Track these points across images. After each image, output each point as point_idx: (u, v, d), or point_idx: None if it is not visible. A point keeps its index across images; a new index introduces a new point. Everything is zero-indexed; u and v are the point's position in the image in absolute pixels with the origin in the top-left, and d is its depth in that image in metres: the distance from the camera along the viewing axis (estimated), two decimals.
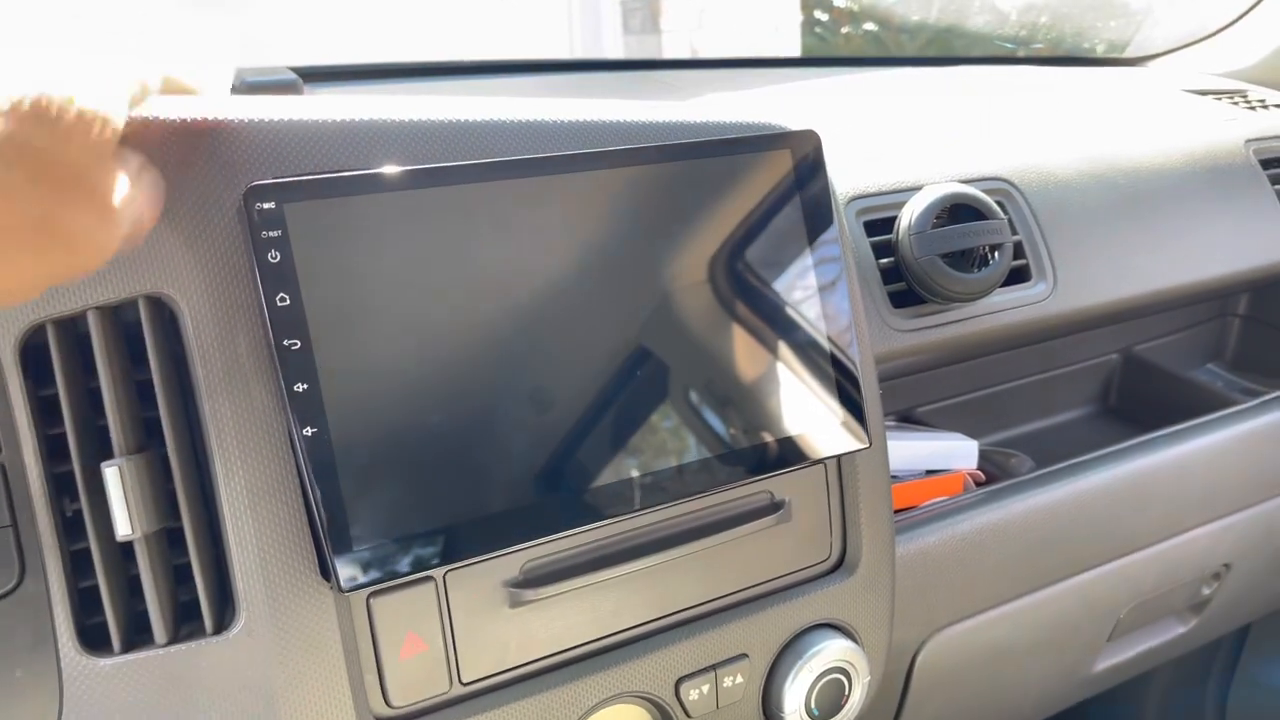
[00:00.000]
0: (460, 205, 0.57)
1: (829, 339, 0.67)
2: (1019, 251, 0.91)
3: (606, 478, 0.60)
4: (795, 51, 4.39)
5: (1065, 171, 0.98)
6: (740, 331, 0.65)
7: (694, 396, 0.63)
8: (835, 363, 0.67)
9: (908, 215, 0.83)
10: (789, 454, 0.66)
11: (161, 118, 0.54)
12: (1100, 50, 1.79)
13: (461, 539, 0.56)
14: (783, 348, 0.66)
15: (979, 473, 0.94)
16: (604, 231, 0.61)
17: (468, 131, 0.61)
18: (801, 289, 0.67)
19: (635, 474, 0.61)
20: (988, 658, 0.92)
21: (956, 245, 0.82)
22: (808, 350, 0.66)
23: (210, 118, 0.55)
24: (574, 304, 0.60)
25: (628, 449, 0.61)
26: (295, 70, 0.93)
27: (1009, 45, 1.84)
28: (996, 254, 0.84)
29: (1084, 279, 0.94)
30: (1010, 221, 0.91)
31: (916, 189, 0.86)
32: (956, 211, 0.84)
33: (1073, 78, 1.41)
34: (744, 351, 0.65)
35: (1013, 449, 1.05)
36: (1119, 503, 0.95)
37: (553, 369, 0.59)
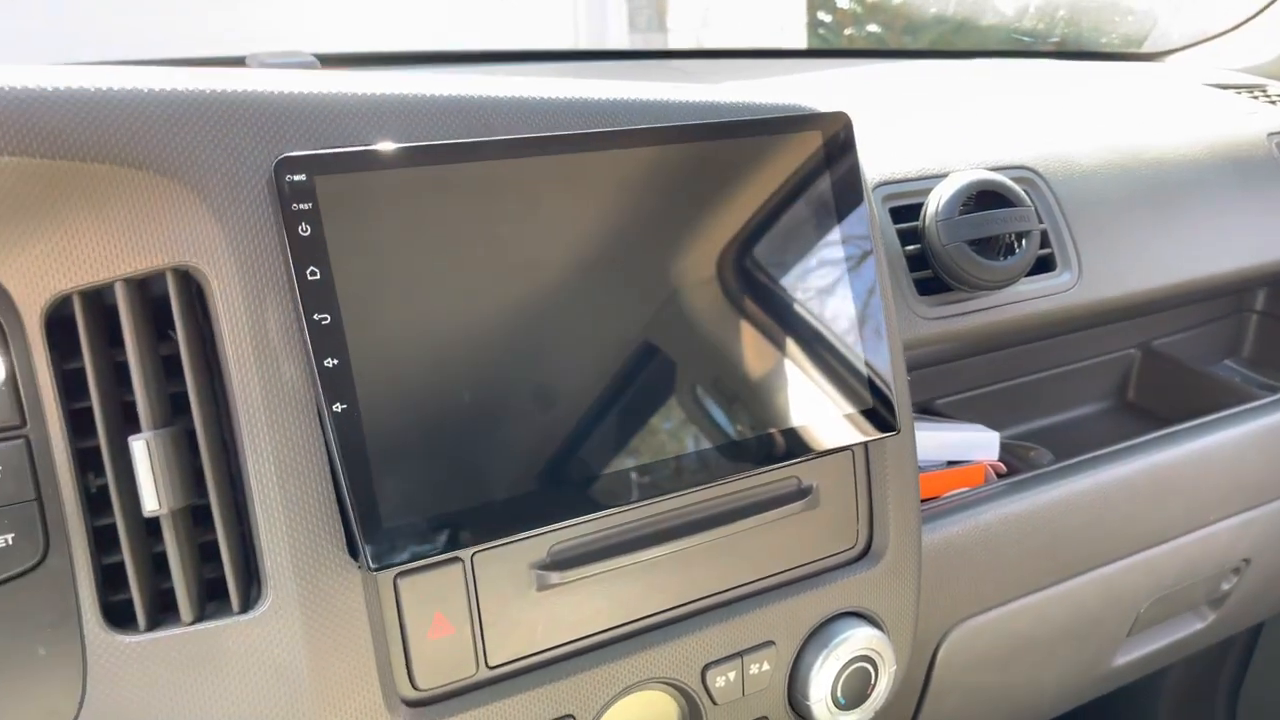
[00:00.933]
0: (492, 181, 0.56)
1: (859, 325, 0.66)
2: (1044, 240, 0.90)
3: (637, 460, 0.59)
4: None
5: (1089, 162, 0.97)
6: (773, 315, 0.64)
7: (725, 380, 0.62)
8: (866, 348, 0.66)
9: (934, 202, 0.82)
10: (818, 439, 0.65)
11: (193, 88, 0.53)
12: (1116, 46, 1.78)
13: (490, 519, 0.55)
14: (816, 333, 0.65)
15: (1000, 464, 0.93)
16: (636, 210, 0.60)
17: (498, 108, 0.60)
18: (832, 273, 0.66)
19: (666, 457, 0.60)
20: (1010, 649, 0.91)
21: (984, 232, 0.81)
22: (839, 335, 0.66)
23: (242, 89, 0.54)
24: (605, 282, 0.59)
25: (659, 432, 0.60)
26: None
27: (1025, 39, 1.83)
28: (1023, 242, 0.84)
29: (1108, 269, 0.93)
30: (1035, 210, 0.90)
31: (943, 176, 0.85)
32: (983, 199, 0.83)
33: (1091, 71, 1.40)
34: (776, 335, 0.64)
35: (1031, 442, 1.04)
36: (1140, 496, 0.94)
37: (584, 348, 0.58)
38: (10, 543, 0.50)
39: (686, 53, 1.64)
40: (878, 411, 0.67)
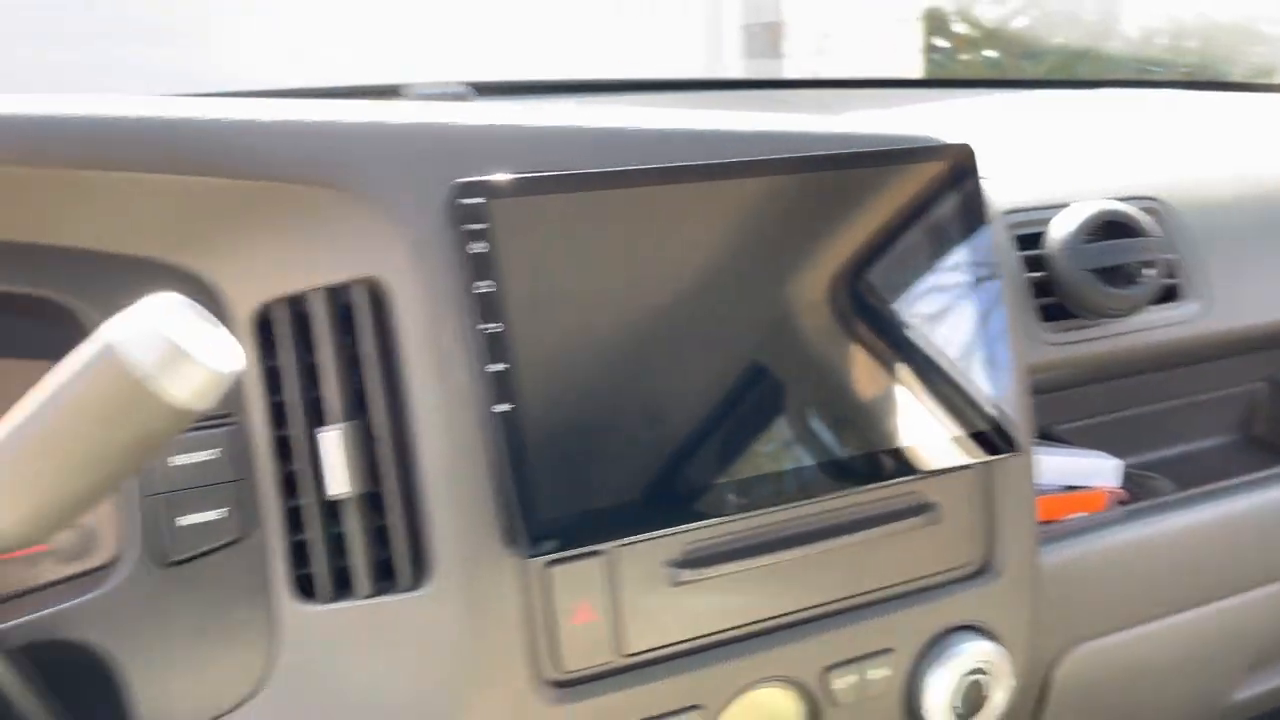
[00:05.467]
0: (636, 207, 0.61)
1: (983, 348, 0.69)
2: (1170, 270, 0.91)
3: (771, 467, 0.63)
4: (915, 75, 4.36)
5: (1217, 191, 0.98)
6: (901, 337, 0.67)
7: (856, 398, 0.66)
8: (989, 371, 0.69)
9: (1060, 230, 0.84)
10: (941, 457, 0.68)
11: (383, 120, 0.60)
12: (1245, 76, 1.75)
13: (636, 516, 0.60)
14: (939, 354, 0.68)
15: (1122, 491, 0.94)
16: (766, 235, 0.65)
17: (645, 139, 0.66)
18: (956, 299, 0.69)
19: (799, 465, 0.64)
20: (1126, 676, 0.91)
21: (1109, 261, 0.82)
22: (963, 359, 0.69)
23: (422, 121, 0.60)
24: (743, 303, 0.63)
25: (793, 442, 0.64)
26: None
27: (1151, 68, 1.82)
28: (1147, 271, 0.85)
29: (1235, 301, 0.93)
30: (1161, 240, 0.91)
31: (1066, 205, 0.87)
32: (1108, 228, 0.85)
33: (1218, 101, 1.39)
34: (904, 357, 0.67)
35: (1152, 473, 1.04)
36: (1265, 530, 0.94)
37: (723, 363, 0.62)
38: (225, 516, 0.57)
39: (807, 82, 1.68)
40: (999, 432, 0.69)
